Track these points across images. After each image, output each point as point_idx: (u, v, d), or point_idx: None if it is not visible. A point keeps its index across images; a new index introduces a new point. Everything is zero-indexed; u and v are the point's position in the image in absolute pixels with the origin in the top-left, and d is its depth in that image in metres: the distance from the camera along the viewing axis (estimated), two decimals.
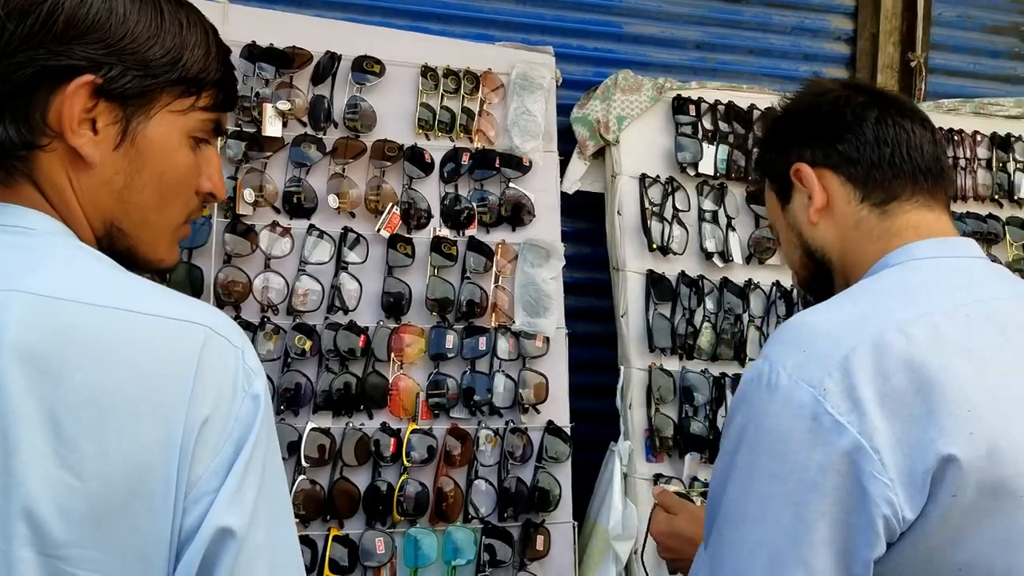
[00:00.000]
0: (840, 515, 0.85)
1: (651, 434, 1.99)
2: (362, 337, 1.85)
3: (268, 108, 1.85)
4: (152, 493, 0.75)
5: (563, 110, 2.11)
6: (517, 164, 2.03)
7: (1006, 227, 2.35)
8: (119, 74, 0.86)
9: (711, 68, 2.31)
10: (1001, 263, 1.97)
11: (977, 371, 0.90)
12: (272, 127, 1.85)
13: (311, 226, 1.86)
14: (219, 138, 1.01)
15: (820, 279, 1.18)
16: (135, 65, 0.87)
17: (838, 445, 0.85)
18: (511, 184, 2.02)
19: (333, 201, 1.89)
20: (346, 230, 1.89)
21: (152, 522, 0.75)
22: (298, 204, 1.86)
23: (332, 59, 1.92)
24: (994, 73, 2.55)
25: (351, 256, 1.89)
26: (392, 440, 1.82)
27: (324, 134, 1.91)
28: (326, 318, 1.85)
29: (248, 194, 1.82)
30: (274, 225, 1.83)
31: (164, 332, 0.78)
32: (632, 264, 2.05)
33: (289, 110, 1.86)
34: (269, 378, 1.36)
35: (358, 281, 1.88)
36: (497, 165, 2.01)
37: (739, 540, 0.90)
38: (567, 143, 2.10)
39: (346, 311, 1.86)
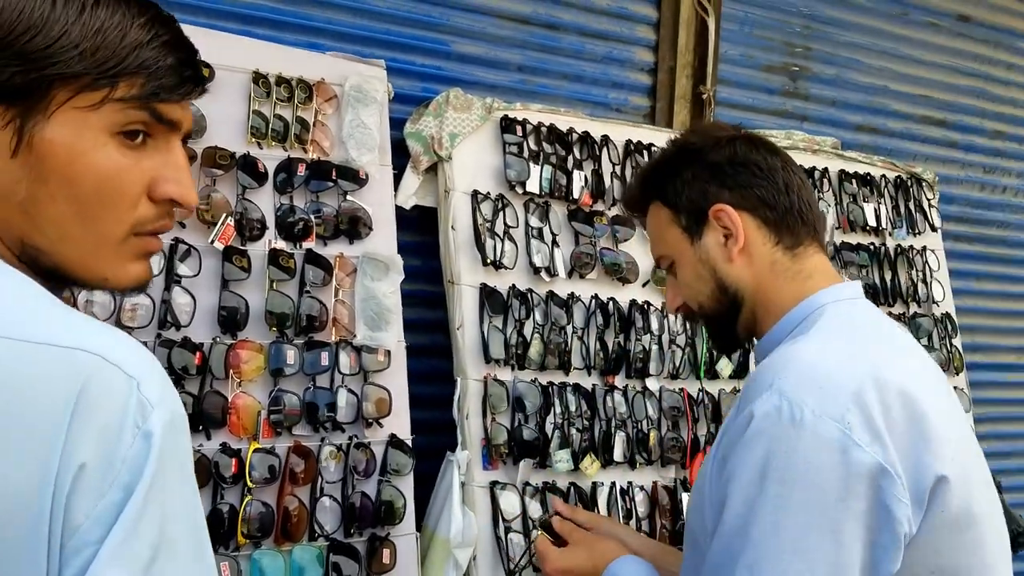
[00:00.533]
0: (871, 537, 0.95)
1: (487, 442, 2.05)
2: (198, 354, 1.76)
3: None
4: (18, 545, 0.68)
5: (394, 124, 2.12)
6: (354, 176, 2.02)
7: None
8: None
9: (531, 90, 2.42)
10: None
11: (942, 407, 1.05)
12: None
13: None
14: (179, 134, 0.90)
15: (728, 313, 1.28)
16: (14, 58, 0.78)
17: (867, 473, 0.95)
18: (348, 197, 2.01)
19: None
20: (177, 241, 1.80)
21: (22, 572, 0.68)
22: None
23: None
24: (770, 108, 2.86)
25: (183, 269, 1.79)
26: (233, 460, 1.75)
27: None
28: (158, 335, 1.75)
29: None
30: None
31: (41, 362, 0.70)
32: (466, 278, 2.10)
33: None
34: None
35: (191, 295, 1.79)
36: (334, 177, 1.99)
37: (781, 573, 0.93)
38: (398, 157, 2.12)
39: (179, 327, 1.77)
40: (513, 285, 2.15)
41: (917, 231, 2.95)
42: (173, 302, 1.77)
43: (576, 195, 2.27)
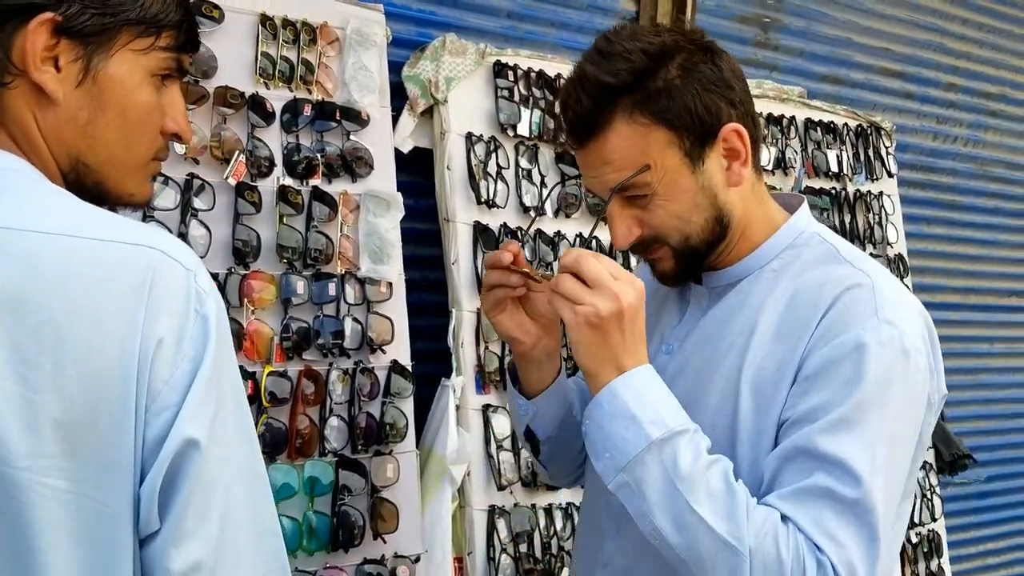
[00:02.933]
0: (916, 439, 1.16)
1: (480, 369, 2.20)
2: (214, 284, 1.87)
3: None
4: (112, 407, 0.81)
5: (392, 67, 2.21)
6: (356, 117, 2.12)
7: None
8: (78, 12, 0.91)
9: (520, 37, 2.52)
10: None
11: None
12: None
13: None
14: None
15: (712, 244, 1.20)
16: (94, 3, 0.92)
17: (928, 391, 1.14)
18: (351, 136, 2.11)
19: (179, 147, 1.87)
20: (192, 176, 1.89)
21: (114, 434, 0.82)
22: None
23: None
24: (743, 57, 2.99)
25: (198, 203, 1.89)
26: (249, 383, 1.88)
27: None
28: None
29: None
30: None
31: (118, 256, 0.84)
32: (461, 216, 2.23)
33: None
34: None
35: (207, 228, 1.89)
36: (338, 117, 2.09)
37: (891, 456, 1.10)
38: (396, 99, 2.22)
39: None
40: (504, 223, 2.28)
41: (875, 177, 3.14)
42: (190, 235, 1.87)
43: (563, 138, 2.39)
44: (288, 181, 2.02)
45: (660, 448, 1.07)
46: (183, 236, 1.85)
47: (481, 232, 2.24)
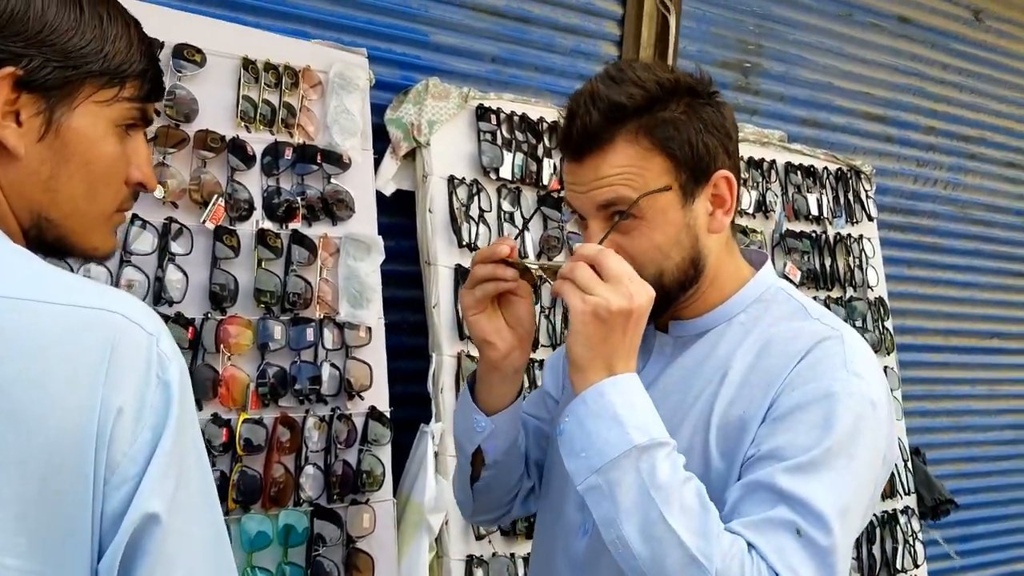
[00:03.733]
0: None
1: None
2: (190, 329, 1.85)
3: None
4: (70, 480, 0.79)
5: (375, 110, 2.21)
6: (337, 160, 2.11)
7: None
8: (39, 65, 0.90)
9: (504, 81, 2.53)
10: None
11: None
12: None
13: (134, 216, 1.82)
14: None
15: (684, 287, 1.19)
16: (55, 57, 0.91)
17: (885, 444, 1.17)
18: (332, 180, 2.10)
19: (157, 191, 1.86)
20: (170, 220, 1.87)
21: (72, 508, 0.79)
22: None
23: (151, 45, 1.88)
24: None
25: (175, 247, 1.87)
26: (224, 430, 1.85)
27: None
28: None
29: None
30: None
31: (78, 321, 0.81)
32: (442, 259, 2.22)
33: None
34: None
35: (184, 272, 1.87)
36: (319, 160, 2.08)
37: (855, 502, 1.11)
38: (378, 141, 2.22)
39: (172, 303, 1.85)
40: None
41: (855, 220, 3.16)
42: (167, 279, 1.85)
43: (545, 181, 2.39)
44: (267, 224, 2.00)
45: (640, 455, 1.05)
46: (160, 280, 1.84)
47: (463, 275, 2.23)
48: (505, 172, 2.33)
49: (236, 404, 1.89)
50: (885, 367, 3.04)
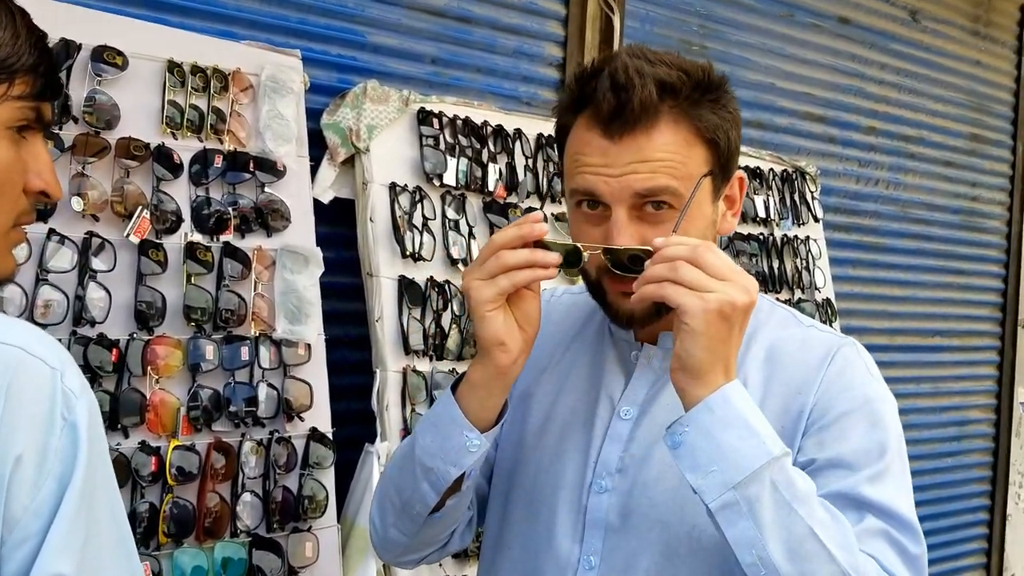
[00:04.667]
0: None
1: (406, 433, 2.09)
2: (114, 351, 1.73)
3: None
4: None
5: (310, 114, 2.11)
6: (271, 168, 2.00)
7: None
8: None
9: (445, 83, 2.44)
10: None
11: None
12: None
13: (51, 230, 1.69)
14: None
15: None
16: None
17: None
18: (266, 188, 1.99)
19: (76, 203, 1.73)
20: (91, 235, 1.75)
21: None
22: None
23: (68, 47, 1.76)
24: None
25: (97, 263, 1.75)
26: (152, 459, 1.73)
27: (60, 129, 1.74)
28: (73, 331, 1.70)
29: None
30: None
31: None
32: (385, 270, 2.12)
33: None
34: None
35: (106, 290, 1.75)
36: (251, 168, 1.97)
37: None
38: (314, 148, 2.11)
39: (94, 323, 1.72)
40: (431, 276, 2.18)
41: (801, 222, 3.14)
42: (87, 298, 1.72)
43: (491, 187, 2.31)
44: (197, 237, 1.88)
45: (778, 466, 0.98)
46: (80, 300, 1.71)
47: (407, 287, 2.13)
48: (449, 178, 2.24)
49: (166, 430, 1.77)
50: None
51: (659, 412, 1.15)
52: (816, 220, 3.21)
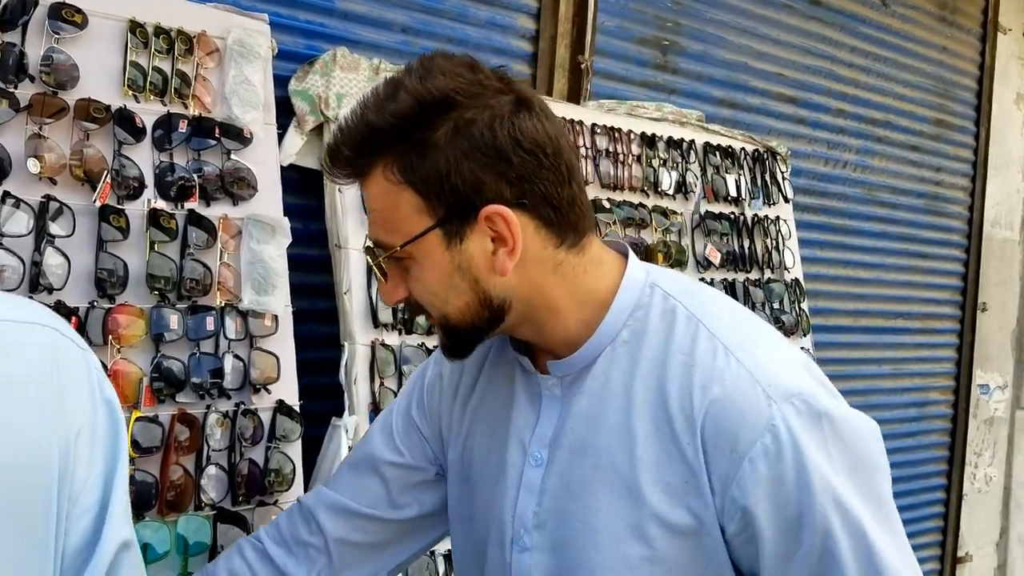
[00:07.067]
0: None
1: (375, 408, 2.05)
2: (73, 319, 1.67)
3: None
4: (31, 514, 0.69)
5: (277, 81, 2.05)
6: (238, 135, 1.94)
7: (652, 214, 2.75)
8: None
9: (415, 52, 2.38)
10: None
11: None
12: None
13: (5, 193, 1.63)
14: None
15: (487, 324, 1.06)
16: None
17: None
18: (232, 156, 1.94)
19: (33, 165, 1.67)
20: (48, 198, 1.68)
21: (32, 551, 0.69)
22: None
23: (24, 3, 1.69)
24: (642, 79, 2.95)
25: (54, 228, 1.68)
26: None
27: (16, 88, 1.67)
28: (29, 298, 1.63)
29: None
30: None
31: (12, 336, 0.71)
32: (353, 242, 2.08)
33: None
34: None
35: (65, 256, 1.68)
36: (217, 135, 1.91)
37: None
38: (281, 115, 2.06)
39: (51, 290, 1.66)
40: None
41: (772, 202, 3.14)
42: (45, 263, 1.66)
43: None
44: (160, 204, 1.82)
45: None
46: (37, 265, 1.65)
47: None
48: None
49: (128, 401, 1.71)
50: (802, 347, 3.04)
51: (562, 456, 1.09)
52: (786, 200, 3.21)
